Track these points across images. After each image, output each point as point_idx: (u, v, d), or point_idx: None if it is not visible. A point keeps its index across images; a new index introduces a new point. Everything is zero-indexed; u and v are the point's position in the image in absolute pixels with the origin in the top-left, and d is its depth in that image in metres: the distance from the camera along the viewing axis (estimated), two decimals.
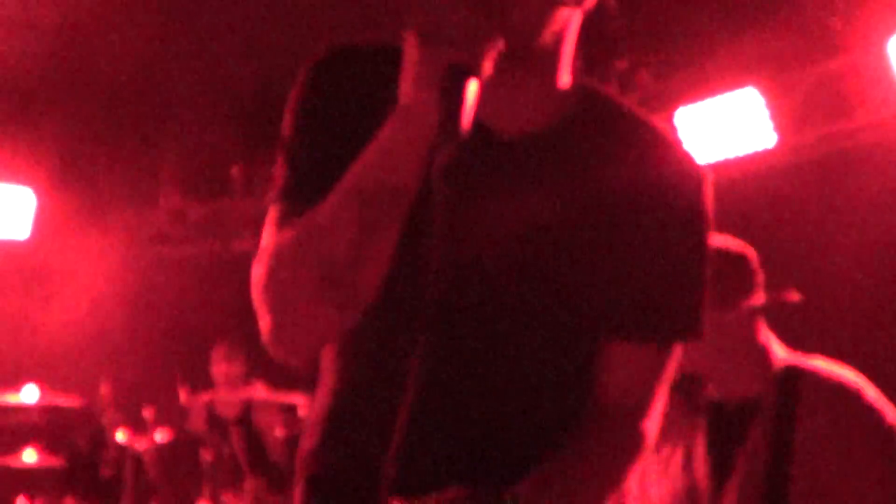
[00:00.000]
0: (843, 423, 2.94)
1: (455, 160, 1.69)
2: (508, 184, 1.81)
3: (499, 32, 1.61)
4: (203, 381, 7.42)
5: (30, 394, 7.10)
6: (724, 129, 7.53)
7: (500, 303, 1.80)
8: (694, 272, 1.90)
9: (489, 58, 1.60)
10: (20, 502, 7.24)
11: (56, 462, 7.19)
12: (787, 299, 3.11)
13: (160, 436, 7.07)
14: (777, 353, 3.09)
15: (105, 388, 7.13)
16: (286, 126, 1.83)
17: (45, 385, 7.20)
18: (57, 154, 8.61)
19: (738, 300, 3.05)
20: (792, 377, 3.00)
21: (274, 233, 1.78)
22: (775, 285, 3.18)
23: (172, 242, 9.53)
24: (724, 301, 3.00)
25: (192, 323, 8.76)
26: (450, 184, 1.71)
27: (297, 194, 1.77)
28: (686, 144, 1.93)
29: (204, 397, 7.27)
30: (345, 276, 1.65)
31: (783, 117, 7.42)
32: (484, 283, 1.79)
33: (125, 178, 9.07)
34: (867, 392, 2.98)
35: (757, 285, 3.12)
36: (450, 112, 1.58)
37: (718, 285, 2.87)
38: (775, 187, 7.37)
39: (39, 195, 8.96)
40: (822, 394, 2.98)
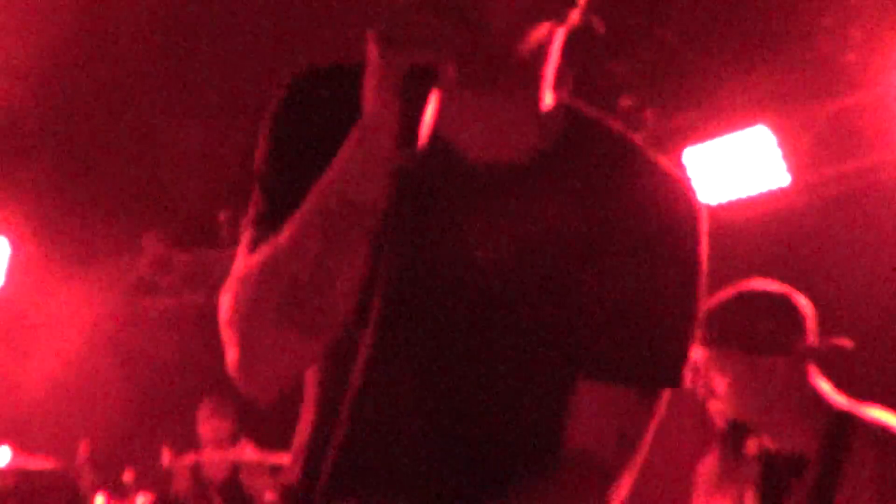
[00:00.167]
0: (890, 474, 2.91)
1: (423, 183, 1.69)
2: (486, 212, 1.75)
3: (473, 42, 1.57)
4: (188, 441, 7.30)
5: (1, 456, 6.94)
6: (735, 168, 7.39)
7: (477, 332, 1.75)
8: (683, 313, 1.81)
9: (455, 61, 1.55)
10: None
11: None
12: (839, 346, 3.12)
13: (141, 501, 6.89)
14: (830, 400, 3.07)
15: (83, 449, 7.00)
16: (259, 151, 1.81)
17: (19, 446, 7.06)
18: (33, 199, 8.48)
19: (784, 345, 3.05)
20: (843, 426, 2.97)
21: (242, 260, 1.75)
22: None
23: (156, 293, 9.43)
24: (769, 346, 3.03)
25: (177, 379, 8.68)
26: (416, 207, 1.70)
27: (270, 220, 1.72)
28: (683, 174, 1.85)
29: (189, 458, 7.17)
30: (308, 299, 1.62)
31: (796, 156, 7.31)
32: (461, 313, 1.75)
33: (106, 223, 8.91)
34: None
35: (807, 330, 3.10)
36: (410, 119, 1.53)
37: (762, 329, 3.07)
38: (789, 228, 7.32)
39: (14, 243, 8.90)
40: (870, 444, 2.94)
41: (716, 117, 7.44)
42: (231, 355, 1.71)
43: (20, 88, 7.41)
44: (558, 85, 1.82)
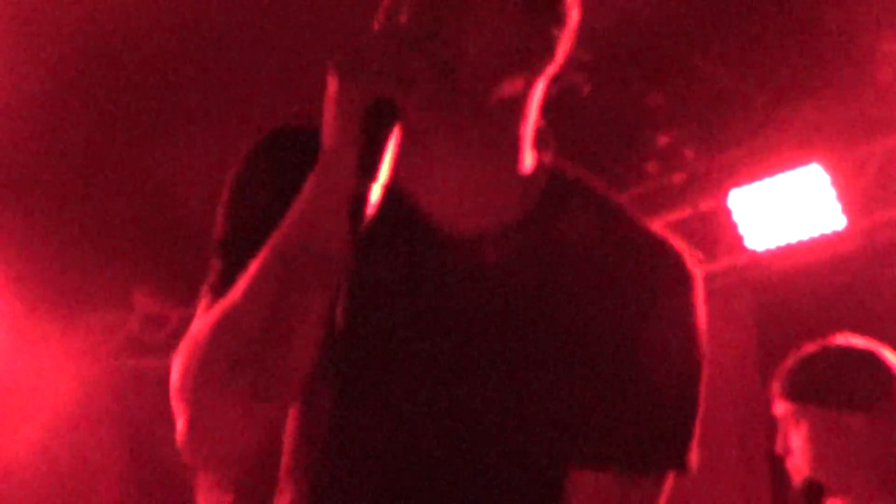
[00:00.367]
0: None
1: (381, 251, 1.66)
2: (459, 283, 1.70)
3: (440, 81, 1.56)
4: None
5: None
6: (786, 211, 7.23)
7: (453, 418, 1.69)
8: (682, 388, 1.73)
9: (420, 100, 1.54)
10: None
11: None
12: None
13: None
14: None
15: None
16: (220, 215, 1.78)
17: None
18: (11, 248, 8.31)
19: (867, 402, 3.01)
20: None
21: (196, 324, 1.71)
22: None
23: (149, 353, 9.17)
24: (850, 402, 3.00)
25: (174, 448, 8.20)
26: (370, 279, 1.67)
27: (228, 284, 1.65)
28: (674, 238, 1.79)
29: None
30: (262, 357, 1.57)
31: (852, 197, 7.08)
32: (435, 395, 1.69)
33: (92, 276, 8.71)
34: None
35: (894, 389, 3.06)
36: (371, 154, 1.51)
37: (844, 385, 3.05)
38: (844, 274, 7.21)
39: None
40: None
41: (764, 156, 7.29)
42: (179, 425, 1.66)
43: None
44: (540, 144, 1.77)
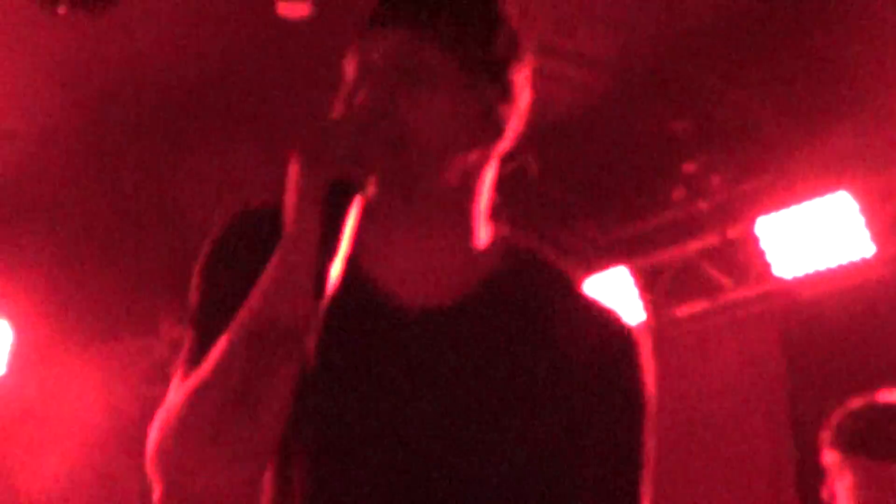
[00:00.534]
0: None
1: (344, 326, 1.71)
2: (415, 356, 1.75)
3: (395, 162, 1.66)
4: None
5: None
6: (814, 239, 7.18)
7: (409, 476, 1.73)
8: (629, 452, 1.80)
9: (378, 180, 1.64)
10: None
11: None
12: None
13: None
14: None
15: None
16: (193, 289, 1.84)
17: None
18: (37, 277, 8.30)
19: None
20: None
21: (171, 396, 1.74)
22: None
23: None
24: (893, 453, 3.09)
25: None
26: (333, 353, 1.72)
27: (202, 358, 1.69)
28: (616, 309, 1.86)
29: None
30: (230, 430, 1.61)
31: (881, 224, 7.07)
32: (393, 457, 1.73)
33: (118, 304, 8.75)
34: None
35: None
36: (332, 233, 1.61)
37: (891, 440, 3.15)
38: (873, 302, 7.11)
39: (17, 326, 8.74)
40: None
41: (791, 183, 7.25)
42: (156, 492, 1.69)
43: (20, 153, 7.32)
44: (495, 217, 1.83)
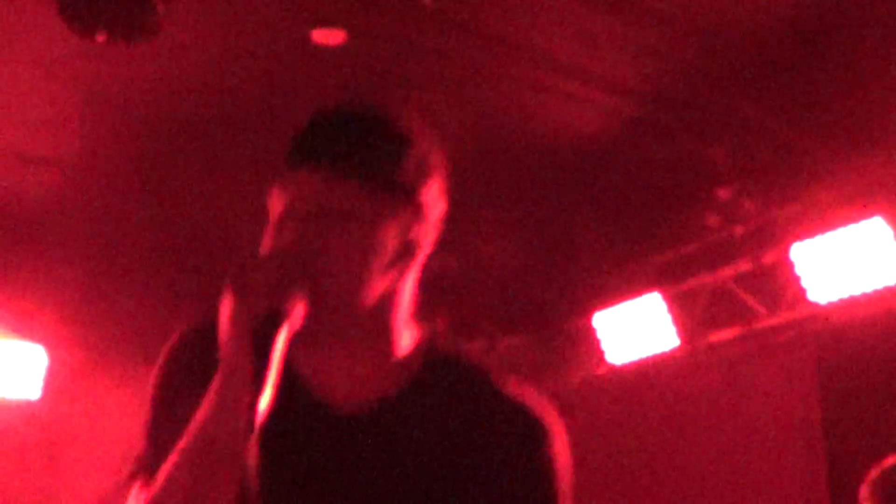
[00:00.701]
0: None
1: (282, 429, 1.84)
2: (345, 459, 1.89)
3: (317, 292, 1.79)
4: None
5: None
6: (849, 265, 7.08)
7: None
8: None
9: (303, 309, 1.78)
10: None
11: None
12: None
13: None
14: None
15: None
16: (146, 406, 1.97)
17: None
18: (71, 302, 8.31)
19: None
20: None
21: None
22: None
23: None
24: None
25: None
26: (273, 454, 1.86)
27: (155, 469, 1.83)
28: (536, 397, 1.98)
29: None
30: None
31: None
32: None
33: (152, 328, 8.39)
34: None
35: None
36: (263, 361, 1.75)
37: None
38: None
39: (51, 351, 8.69)
40: None
41: (826, 209, 7.18)
42: None
43: (57, 179, 7.35)
44: (421, 321, 1.95)
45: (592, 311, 8.20)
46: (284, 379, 1.79)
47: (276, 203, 1.85)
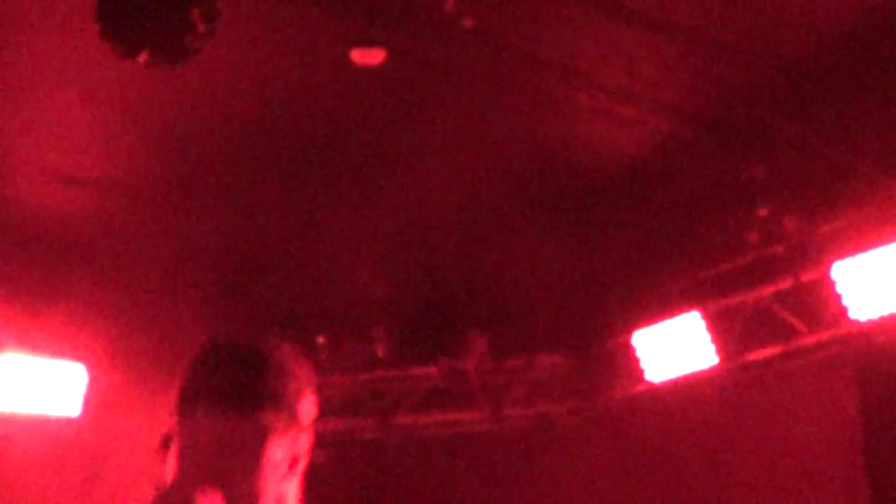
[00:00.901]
0: None
1: None
2: None
3: None
4: None
5: None
6: (890, 282, 6.98)
7: None
8: None
9: None
10: None
11: None
12: None
13: None
14: None
15: None
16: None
17: None
18: (110, 321, 8.25)
19: None
20: None
21: None
22: None
23: None
24: None
25: None
26: None
27: None
28: None
29: None
30: None
31: None
32: None
33: (189, 348, 8.34)
34: None
35: None
36: None
37: None
38: None
39: (91, 370, 8.63)
40: None
41: (866, 227, 7.08)
42: None
43: (96, 200, 7.34)
44: None
45: (632, 329, 8.15)
46: None
47: (178, 435, 2.06)
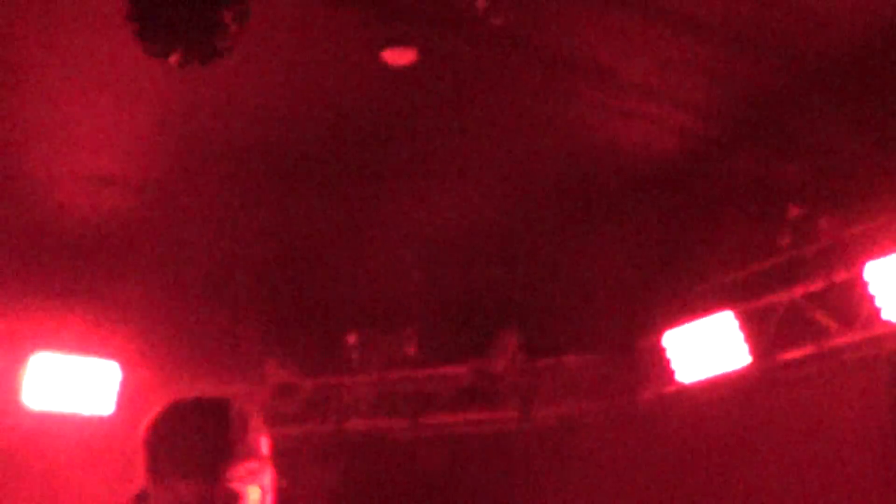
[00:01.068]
0: None
1: None
2: None
3: None
4: None
5: None
6: None
7: None
8: None
9: None
10: None
11: None
12: None
13: None
14: None
15: None
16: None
17: None
18: (144, 320, 8.30)
19: None
20: None
21: None
22: None
23: (280, 422, 8.99)
24: None
25: None
26: None
27: None
28: None
29: None
30: None
31: None
32: None
33: (224, 348, 8.69)
34: None
35: None
36: None
37: None
38: None
39: (125, 368, 8.69)
40: None
41: None
42: None
43: (130, 200, 7.34)
44: None
45: (663, 329, 8.14)
46: None
47: (155, 498, 2.20)
